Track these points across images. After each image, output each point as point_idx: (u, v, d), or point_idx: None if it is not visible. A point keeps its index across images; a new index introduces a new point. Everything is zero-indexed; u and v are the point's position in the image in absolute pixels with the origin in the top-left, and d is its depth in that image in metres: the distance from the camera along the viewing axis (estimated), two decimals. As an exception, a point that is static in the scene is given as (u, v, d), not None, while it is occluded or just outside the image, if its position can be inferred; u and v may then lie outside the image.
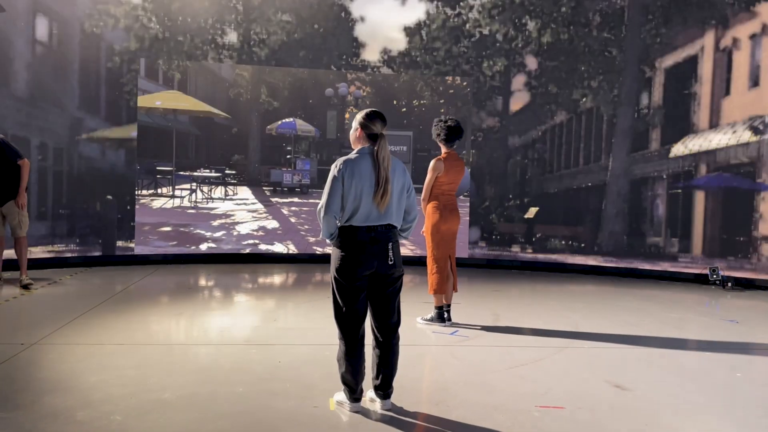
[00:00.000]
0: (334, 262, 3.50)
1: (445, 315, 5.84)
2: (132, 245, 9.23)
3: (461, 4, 10.20)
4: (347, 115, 10.42)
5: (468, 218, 10.14)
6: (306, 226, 10.30)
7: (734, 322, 6.54)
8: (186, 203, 9.84)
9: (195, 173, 9.95)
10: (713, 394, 4.15)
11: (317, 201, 11.40)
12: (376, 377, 3.57)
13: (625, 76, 9.81)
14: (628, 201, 9.86)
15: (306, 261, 10.01)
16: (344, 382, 3.52)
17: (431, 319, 5.84)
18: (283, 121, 10.24)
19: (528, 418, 3.53)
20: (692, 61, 9.54)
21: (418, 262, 9.76)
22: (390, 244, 3.49)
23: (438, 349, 5.01)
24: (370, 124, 3.52)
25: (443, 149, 5.87)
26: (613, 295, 7.98)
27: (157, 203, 9.65)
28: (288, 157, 10.44)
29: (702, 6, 9.39)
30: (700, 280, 9.13)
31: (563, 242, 10.11)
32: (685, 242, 9.58)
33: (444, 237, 5.75)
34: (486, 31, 10.22)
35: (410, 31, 10.33)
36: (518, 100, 10.30)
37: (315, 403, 3.66)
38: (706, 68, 9.46)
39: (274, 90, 10.12)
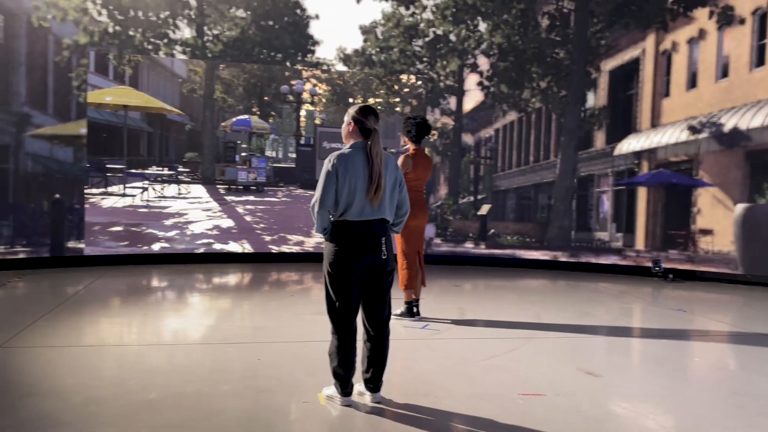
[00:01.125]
0: (327, 257, 3.52)
1: (415, 310, 5.94)
2: (81, 246, 8.92)
3: (415, 4, 10.34)
4: (303, 112, 10.40)
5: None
6: (262, 225, 10.21)
7: (682, 311, 6.92)
8: (138, 202, 9.59)
9: (147, 171, 9.71)
10: (678, 378, 4.41)
11: (273, 199, 11.19)
12: (367, 371, 3.62)
13: (571, 77, 10.18)
14: (576, 198, 10.25)
15: (262, 260, 9.92)
16: (336, 376, 3.55)
17: (401, 314, 5.93)
18: (238, 118, 10.12)
19: (513, 405, 3.67)
20: (635, 64, 10.00)
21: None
22: (383, 238, 3.54)
23: (413, 343, 5.10)
24: (363, 119, 3.55)
25: (411, 146, 5.97)
26: (566, 288, 8.29)
27: (108, 202, 9.36)
28: (243, 154, 10.32)
29: (643, 10, 9.84)
30: (643, 272, 9.58)
31: (515, 238, 10.40)
32: (629, 236, 10.04)
33: (413, 233, 5.85)
34: (439, 32, 10.40)
35: (365, 30, 10.39)
36: (471, 100, 10.54)
37: (303, 398, 3.68)
38: (647, 70, 9.94)
39: (228, 86, 9.98)
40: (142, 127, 9.87)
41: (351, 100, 10.74)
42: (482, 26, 10.41)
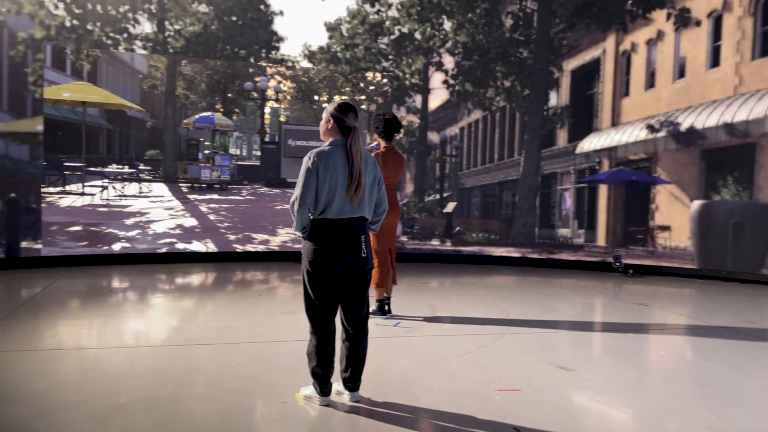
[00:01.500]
0: (307, 255, 3.47)
1: (386, 308, 5.94)
2: (39, 246, 8.63)
3: (380, 1, 10.33)
4: (267, 109, 10.28)
5: (389, 213, 10.29)
6: (226, 224, 10.06)
7: (644, 305, 7.10)
8: (97, 201, 9.33)
9: (107, 169, 9.45)
10: (646, 370, 4.52)
11: (237, 198, 11.05)
12: (345, 370, 3.60)
13: (535, 76, 10.33)
14: (539, 195, 10.40)
15: (226, 260, 9.78)
16: (315, 376, 3.52)
17: (373, 312, 5.90)
18: (201, 115, 9.94)
19: (491, 401, 3.70)
20: (595, 64, 10.21)
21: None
22: (363, 236, 3.52)
23: (387, 341, 5.09)
24: (343, 116, 3.51)
25: (382, 143, 5.96)
26: (531, 284, 8.41)
27: (66, 201, 9.08)
28: (206, 152, 10.15)
29: (603, 11, 10.05)
30: (604, 267, 9.80)
31: (480, 235, 10.51)
32: (591, 233, 10.24)
33: (384, 231, 5.83)
34: (405, 30, 10.42)
35: (330, 27, 10.34)
36: (436, 98, 10.59)
37: (281, 399, 3.64)
38: (607, 70, 10.15)
39: (190, 83, 9.80)
40: (101, 124, 9.61)
41: (316, 97, 10.68)
42: (447, 25, 10.46)
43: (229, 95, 10.22)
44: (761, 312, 7.14)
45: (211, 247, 9.84)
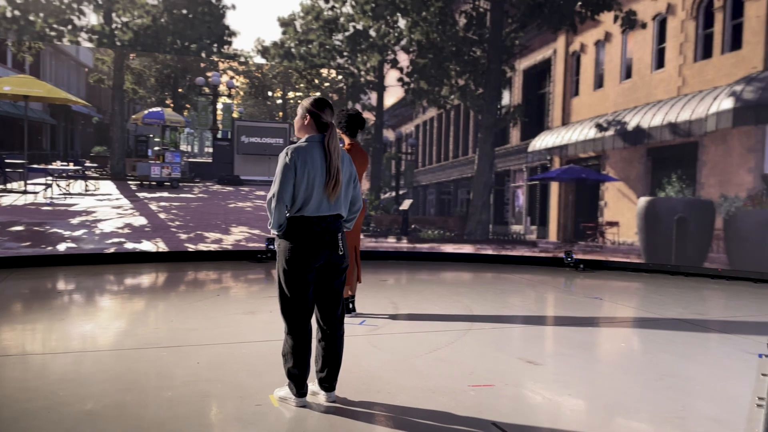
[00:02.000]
0: (283, 254, 3.40)
1: (351, 306, 5.90)
2: (-23, 247, 8.20)
3: (335, -3, 10.27)
4: (220, 105, 10.06)
5: (344, 211, 10.25)
6: (177, 223, 9.79)
7: (599, 299, 7.30)
8: (40, 199, 8.91)
9: (50, 166, 9.04)
10: (610, 363, 4.64)
11: (188, 196, 10.79)
12: (321, 370, 3.54)
13: (488, 75, 10.47)
14: (493, 192, 10.56)
15: (178, 259, 9.52)
16: (291, 377, 3.45)
17: (336, 311, 5.86)
18: (150, 110, 9.63)
19: (466, 397, 3.72)
20: (547, 64, 10.43)
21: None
22: (339, 234, 3.48)
23: (355, 340, 5.06)
24: (320, 112, 3.44)
25: (346, 140, 5.90)
26: (488, 280, 8.53)
27: (7, 200, 8.64)
28: (156, 148, 9.84)
29: (554, 12, 10.27)
30: (556, 263, 10.03)
31: (435, 232, 10.58)
32: (543, 229, 10.47)
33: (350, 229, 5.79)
34: (359, 26, 10.37)
35: (284, 22, 10.19)
36: (392, 96, 10.60)
37: (254, 401, 3.56)
38: (558, 70, 10.38)
39: (139, 77, 9.48)
40: (44, 119, 9.18)
41: (270, 93, 10.51)
42: (402, 22, 10.48)
43: (180, 90, 9.95)
44: (708, 304, 7.46)
45: (161, 246, 9.56)
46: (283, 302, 3.45)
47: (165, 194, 9.89)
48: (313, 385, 3.60)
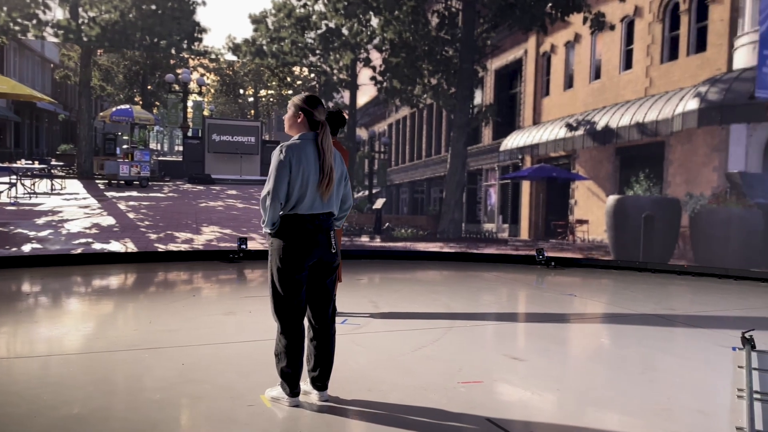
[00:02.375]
0: (276, 253, 3.36)
1: (332, 305, 5.86)
2: (-63, 249, 7.89)
3: (307, -5, 10.20)
4: (190, 103, 9.89)
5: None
6: (147, 223, 9.60)
7: (573, 296, 7.42)
8: (5, 199, 8.62)
9: (15, 165, 8.75)
10: (594, 357, 4.72)
11: (158, 195, 10.58)
12: (314, 369, 3.52)
13: (460, 74, 10.54)
14: (466, 191, 10.64)
15: (147, 260, 9.33)
16: (284, 376, 3.41)
17: (317, 310, 5.83)
18: (119, 107, 9.42)
19: (457, 394, 3.73)
20: (518, 64, 10.56)
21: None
22: (331, 232, 3.45)
23: (339, 338, 4.99)
24: (313, 110, 3.40)
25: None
26: (462, 278, 8.59)
27: (-31, 199, 8.35)
28: (124, 147, 9.62)
29: (525, 13, 10.40)
30: (528, 260, 10.16)
31: (409, 231, 10.61)
32: (515, 227, 10.59)
33: (330, 227, 5.76)
34: (332, 24, 10.33)
35: (256, 19, 10.08)
36: (365, 94, 10.59)
37: (244, 402, 3.51)
38: (529, 71, 10.52)
39: (107, 73, 9.25)
40: (8, 116, 8.88)
41: (241, 91, 10.38)
42: (374, 21, 10.47)
43: (149, 87, 9.74)
44: (678, 299, 7.66)
45: (130, 247, 9.36)
46: (276, 302, 3.41)
47: (134, 193, 9.68)
48: (305, 384, 3.57)
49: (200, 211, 9.99)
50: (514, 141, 10.38)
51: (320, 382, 3.52)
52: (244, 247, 9.54)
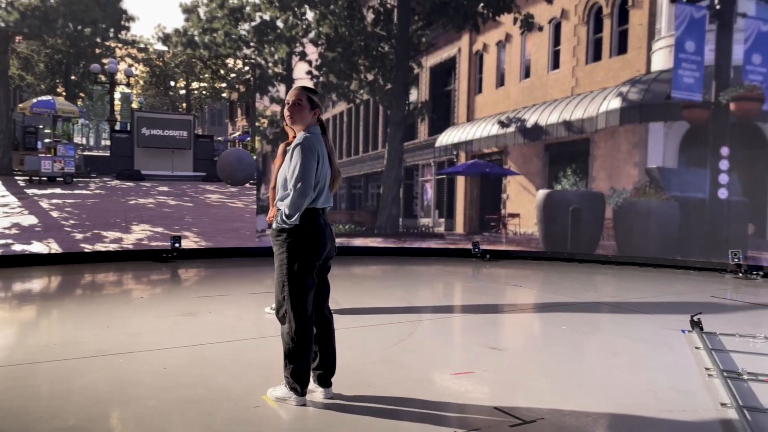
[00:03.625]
0: (294, 249, 3.24)
1: (297, 302, 5.78)
2: None
3: (241, -15, 9.93)
4: (117, 95, 9.37)
5: (254, 206, 9.99)
6: (72, 222, 9.02)
7: (518, 286, 7.71)
8: None
9: None
10: (565, 344, 4.94)
11: (84, 192, 10.02)
12: (319, 367, 3.47)
13: (396, 71, 10.63)
14: (403, 186, 10.76)
15: (73, 261, 8.78)
16: (296, 377, 3.32)
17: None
18: (40, 98, 8.77)
19: (454, 384, 3.80)
20: (452, 61, 10.78)
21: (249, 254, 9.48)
22: (331, 226, 3.46)
23: (315, 336, 4.97)
24: (321, 106, 3.41)
25: (290, 134, 5.76)
26: (408, 272, 8.69)
27: None
28: (47, 141, 8.98)
29: (458, 12, 10.64)
30: (464, 253, 10.43)
31: (347, 226, 10.60)
32: (450, 221, 10.84)
33: (294, 224, 5.67)
34: (266, 17, 10.11)
35: (187, 9, 9.70)
36: (301, 89, 10.44)
37: (248, 403, 3.41)
38: (462, 68, 10.78)
39: (26, 62, 8.59)
40: None
41: (172, 83, 9.96)
42: (310, 15, 10.35)
43: (73, 78, 9.14)
44: (613, 287, 8.12)
45: (54, 247, 8.77)
46: (293, 300, 3.30)
47: (57, 191, 9.07)
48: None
49: (129, 209, 9.51)
50: (449, 137, 10.61)
51: (326, 379, 3.48)
52: (177, 245, 9.19)
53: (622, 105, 9.88)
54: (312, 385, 3.51)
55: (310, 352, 3.34)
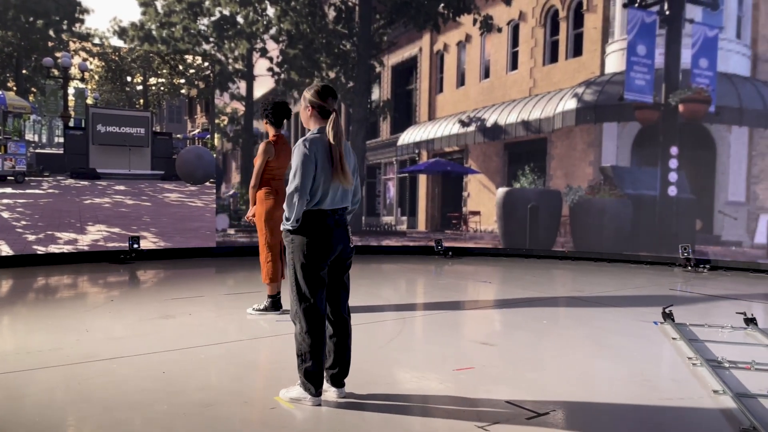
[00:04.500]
0: (300, 250, 3.25)
1: (279, 303, 5.72)
2: None
3: (200, -21, 9.71)
4: (72, 90, 8.99)
5: (214, 206, 9.79)
6: (24, 222, 8.61)
7: (488, 282, 7.86)
8: None
9: None
10: (551, 338, 5.08)
11: (36, 191, 9.66)
12: (332, 366, 3.46)
13: (358, 69, 10.63)
14: (365, 185, 10.77)
15: (24, 263, 8.38)
16: (309, 377, 3.31)
17: (265, 309, 5.66)
18: (-12, 93, 8.31)
19: (460, 379, 3.86)
20: (413, 61, 10.88)
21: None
22: (348, 226, 3.44)
23: (307, 336, 4.93)
24: (323, 102, 3.36)
25: (271, 132, 5.72)
26: (378, 270, 8.73)
27: None
28: (-4, 138, 8.53)
29: (419, 11, 10.74)
30: (426, 251, 10.55)
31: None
32: (413, 219, 10.93)
33: (278, 223, 5.56)
34: (226, 12, 9.93)
35: (144, 2, 9.40)
36: (262, 86, 10.30)
37: (262, 405, 3.37)
38: (424, 68, 10.88)
39: (-26, 54, 8.14)
40: None
41: (129, 78, 9.64)
42: (270, 11, 10.22)
43: (24, 72, 8.70)
44: (577, 282, 8.35)
45: (5, 249, 8.36)
46: (302, 300, 3.30)
47: (8, 190, 8.63)
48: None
49: (85, 209, 9.16)
50: (410, 136, 10.70)
51: (339, 379, 3.48)
52: (136, 246, 8.91)
53: (578, 106, 10.20)
54: (325, 385, 3.49)
55: (321, 353, 3.33)
